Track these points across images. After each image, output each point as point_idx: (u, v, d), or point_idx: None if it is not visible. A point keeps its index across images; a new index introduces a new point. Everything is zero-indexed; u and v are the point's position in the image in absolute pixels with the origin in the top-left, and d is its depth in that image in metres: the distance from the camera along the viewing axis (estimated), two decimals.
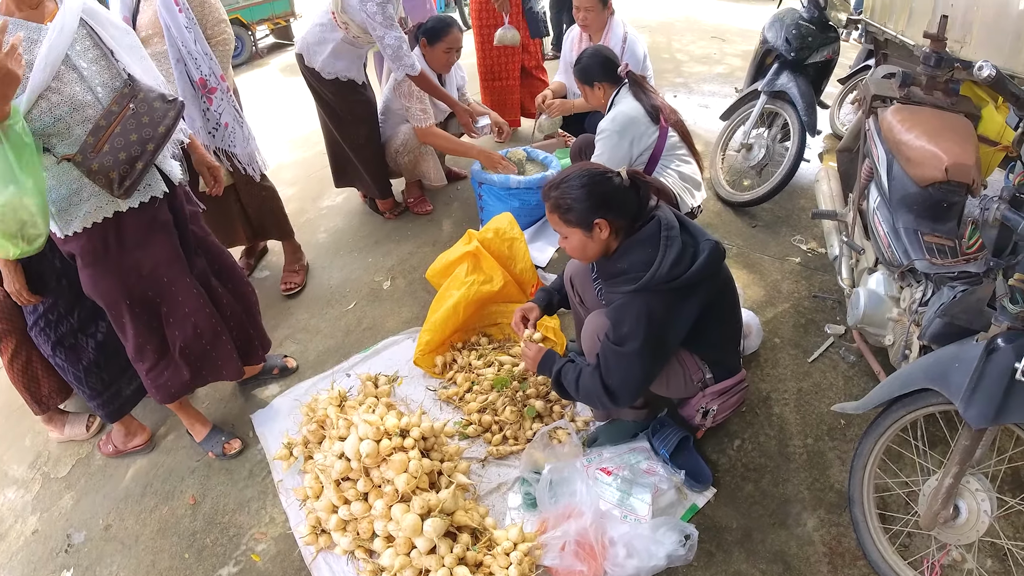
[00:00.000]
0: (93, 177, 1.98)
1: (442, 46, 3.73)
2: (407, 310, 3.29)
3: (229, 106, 3.00)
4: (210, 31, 2.95)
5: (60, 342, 2.49)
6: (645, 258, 1.97)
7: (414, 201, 4.16)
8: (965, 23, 3.16)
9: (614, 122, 3.05)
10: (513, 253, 3.04)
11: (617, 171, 2.07)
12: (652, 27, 8.93)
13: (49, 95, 1.88)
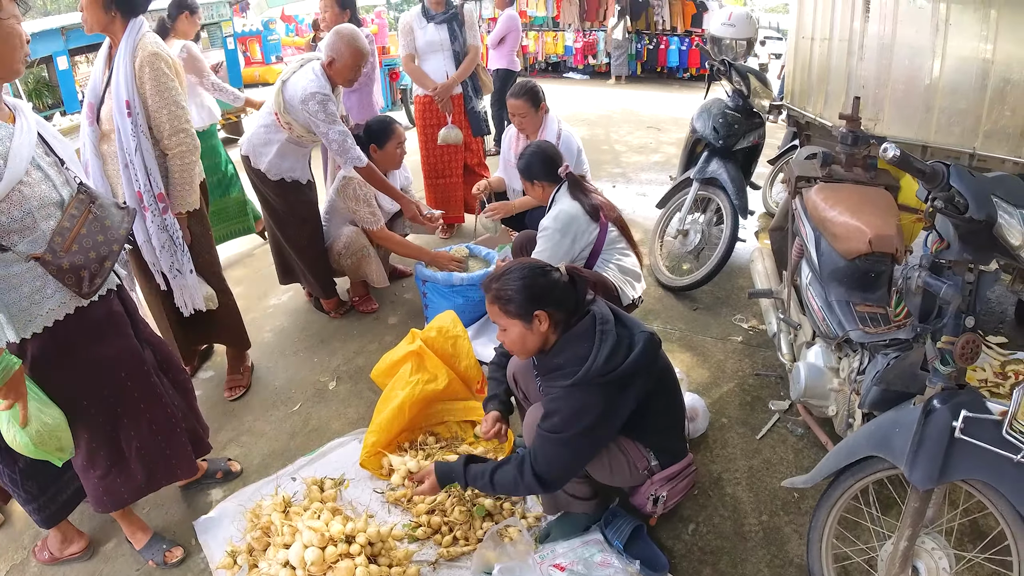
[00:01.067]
0: (63, 276, 1.98)
1: (391, 145, 3.82)
2: (353, 411, 3.21)
3: (160, 230, 2.82)
4: (167, 141, 2.76)
5: None
6: (581, 352, 1.98)
7: (359, 300, 4.14)
8: (877, 102, 3.36)
9: (556, 220, 3.12)
10: (457, 351, 3.01)
11: (556, 266, 2.11)
12: (591, 120, 9.30)
13: (21, 188, 1.91)
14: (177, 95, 2.75)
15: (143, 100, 2.69)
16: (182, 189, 2.85)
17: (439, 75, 4.62)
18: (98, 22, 2.67)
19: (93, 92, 2.80)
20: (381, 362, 3.06)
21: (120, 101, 2.65)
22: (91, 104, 2.79)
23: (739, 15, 4.87)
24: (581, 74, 14.95)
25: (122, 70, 2.64)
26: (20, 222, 1.92)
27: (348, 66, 3.44)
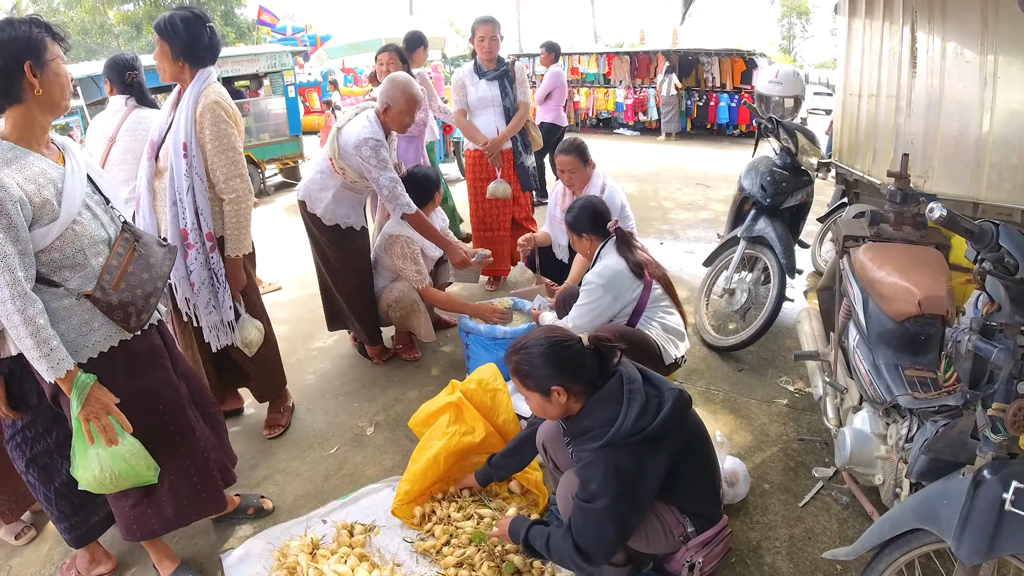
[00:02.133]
0: (112, 312, 2.09)
1: (434, 202, 3.93)
2: (389, 458, 3.21)
3: (203, 268, 2.92)
4: (223, 186, 2.87)
5: (35, 460, 2.42)
6: (609, 414, 1.97)
7: (402, 348, 4.18)
8: (926, 158, 3.31)
9: (600, 276, 3.12)
10: (496, 404, 3.00)
11: (578, 337, 2.11)
12: (640, 176, 9.33)
13: (74, 227, 2.03)
14: (235, 142, 2.87)
15: (201, 145, 2.81)
16: (238, 233, 2.94)
17: (490, 130, 4.72)
18: (169, 71, 2.85)
19: (157, 132, 2.94)
20: (420, 411, 3.06)
21: (178, 143, 2.78)
22: (152, 142, 2.93)
23: (786, 73, 4.87)
24: (631, 130, 15.09)
25: (184, 114, 2.78)
26: (72, 259, 2.03)
27: (403, 111, 3.56)
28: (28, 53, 1.95)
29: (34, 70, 1.96)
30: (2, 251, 1.87)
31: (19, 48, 1.93)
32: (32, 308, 1.92)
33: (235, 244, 2.95)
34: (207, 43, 2.88)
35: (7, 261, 1.88)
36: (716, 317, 4.34)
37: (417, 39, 5.55)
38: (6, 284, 1.88)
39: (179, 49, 2.82)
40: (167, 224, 2.87)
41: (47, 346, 1.94)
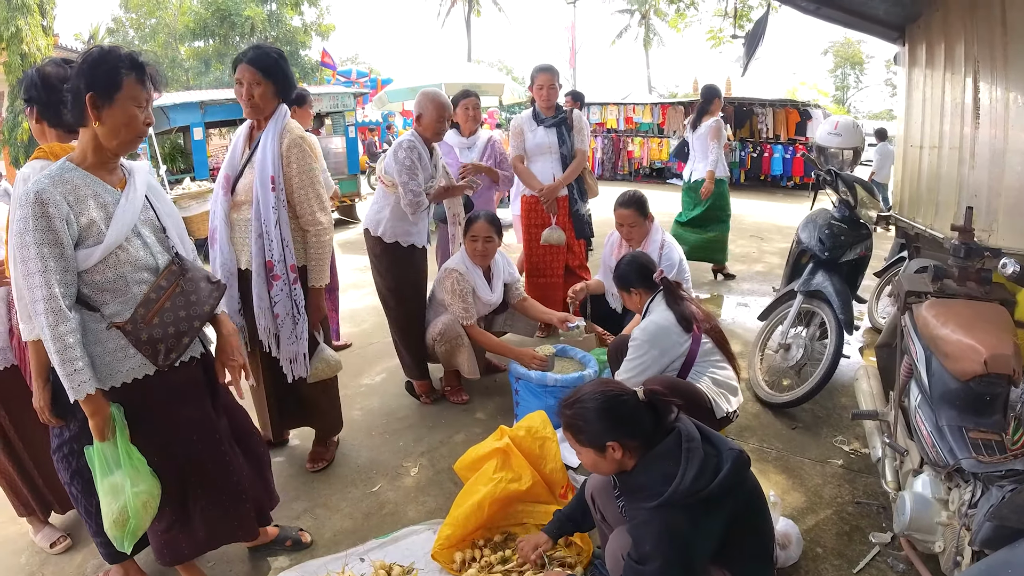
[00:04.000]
0: (140, 347, 2.12)
1: (468, 238, 3.95)
2: (431, 500, 3.18)
3: (287, 299, 3.00)
4: (308, 218, 2.98)
5: (79, 473, 2.47)
6: (666, 472, 1.91)
7: (451, 390, 4.18)
8: (990, 211, 3.22)
9: (645, 331, 3.10)
10: (544, 453, 2.96)
11: (634, 391, 2.06)
12: None
13: (118, 252, 2.08)
14: (318, 175, 3.00)
15: (287, 178, 2.92)
16: (320, 264, 3.06)
17: (546, 176, 4.75)
18: (266, 109, 2.95)
19: (231, 166, 3.04)
20: (466, 455, 3.03)
21: (265, 176, 2.87)
22: (228, 176, 3.03)
23: (845, 124, 4.83)
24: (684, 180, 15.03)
25: (269, 149, 2.88)
26: (113, 284, 2.08)
27: (434, 118, 3.77)
28: (96, 85, 2.00)
29: (97, 102, 2.00)
30: (44, 265, 1.94)
31: (91, 78, 2.00)
32: (63, 326, 1.97)
33: (318, 274, 3.07)
34: (293, 82, 3.02)
35: (46, 276, 1.95)
36: (770, 372, 4.24)
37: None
38: (41, 298, 1.94)
39: (280, 88, 2.95)
40: (252, 256, 2.96)
41: (71, 366, 1.99)
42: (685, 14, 12.76)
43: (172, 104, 10.00)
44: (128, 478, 2.12)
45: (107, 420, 2.08)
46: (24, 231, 1.94)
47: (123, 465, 2.11)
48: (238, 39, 30.45)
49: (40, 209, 1.93)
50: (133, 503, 2.12)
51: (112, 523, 2.12)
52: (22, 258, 1.95)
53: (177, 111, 9.95)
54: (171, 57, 32.74)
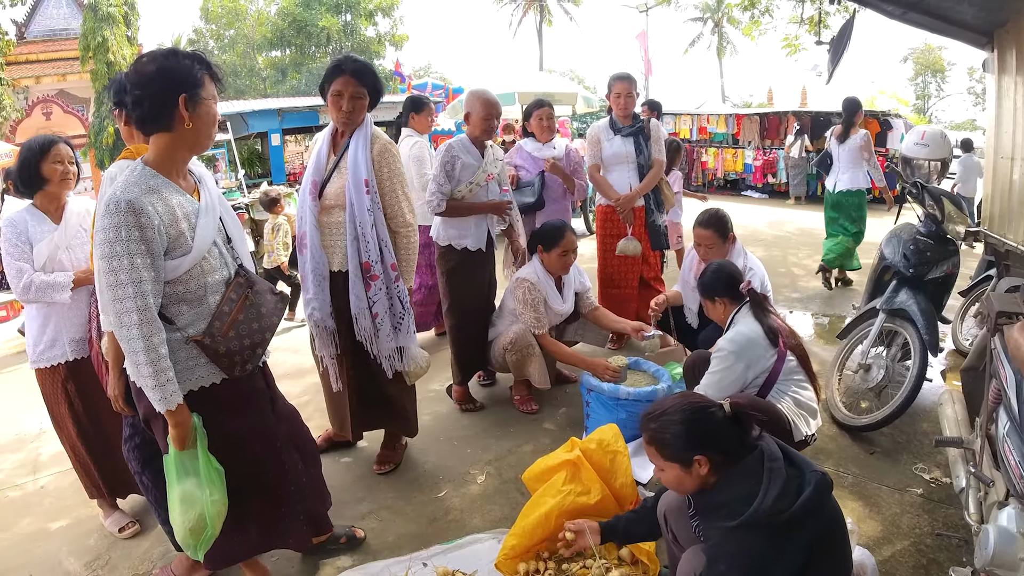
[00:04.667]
0: (218, 359, 2.13)
1: (557, 251, 3.90)
2: (497, 509, 3.16)
3: (385, 298, 3.07)
4: (398, 220, 3.08)
5: (149, 463, 2.54)
6: (746, 491, 1.84)
7: (520, 399, 4.15)
8: None
9: (732, 343, 3.00)
10: (615, 467, 2.90)
11: (720, 403, 1.99)
12: (768, 241, 9.05)
13: (202, 263, 2.10)
14: (406, 179, 3.09)
15: (379, 182, 3.00)
16: (408, 265, 3.15)
17: (623, 186, 4.70)
18: (360, 117, 3.04)
19: (318, 171, 3.09)
20: (535, 466, 2.99)
21: (359, 180, 2.95)
22: (315, 182, 3.09)
23: (933, 134, 4.63)
24: (759, 193, 14.71)
25: (361, 154, 2.97)
26: (194, 294, 2.09)
27: (482, 116, 3.79)
28: (185, 86, 2.02)
29: (188, 104, 2.03)
30: (139, 275, 1.93)
31: (178, 79, 2.02)
32: (158, 336, 1.97)
33: (406, 275, 3.16)
34: (384, 94, 3.12)
35: (142, 287, 1.94)
36: (849, 394, 4.07)
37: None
38: (136, 309, 1.93)
39: (373, 97, 3.04)
40: (348, 258, 3.03)
41: (164, 376, 1.99)
42: (759, 21, 12.50)
43: (251, 111, 10.35)
44: (206, 486, 2.13)
45: (189, 430, 2.09)
46: (115, 240, 1.92)
47: (202, 474, 2.12)
48: (314, 49, 31.40)
49: (133, 219, 1.92)
50: (210, 511, 2.13)
51: (188, 531, 2.13)
52: (110, 268, 1.93)
53: (256, 118, 10.28)
54: (249, 66, 33.86)
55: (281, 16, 31.60)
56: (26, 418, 4.92)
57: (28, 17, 24.95)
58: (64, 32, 24.85)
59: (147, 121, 2.05)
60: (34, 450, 4.40)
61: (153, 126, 2.06)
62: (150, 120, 2.05)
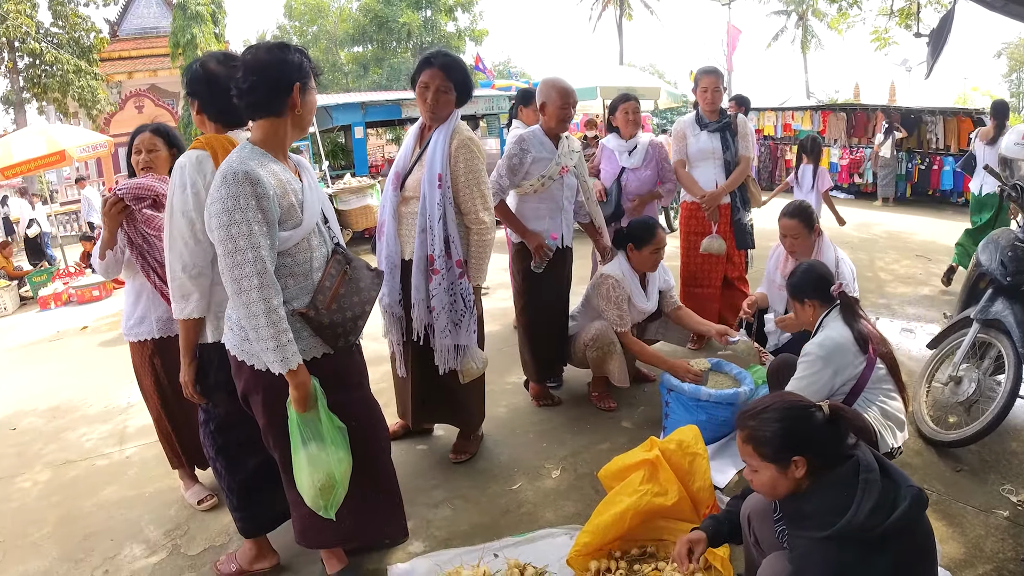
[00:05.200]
0: (323, 331, 2.21)
1: (649, 248, 3.83)
2: (570, 505, 3.14)
3: (444, 294, 3.07)
4: (472, 216, 3.08)
5: (224, 448, 2.61)
6: (839, 502, 1.78)
7: (598, 396, 4.10)
8: None
9: (821, 347, 2.89)
10: (693, 469, 2.85)
11: (819, 405, 1.93)
12: (854, 243, 8.74)
13: (310, 238, 2.21)
14: (485, 177, 3.08)
15: (454, 177, 3.00)
16: (479, 262, 3.14)
17: (708, 183, 4.61)
18: (446, 111, 3.07)
19: (402, 163, 3.16)
20: (612, 464, 2.97)
21: (433, 174, 2.97)
22: (398, 173, 3.16)
23: None
24: (845, 193, 14.14)
25: (439, 148, 2.99)
26: (300, 268, 2.18)
27: (558, 105, 3.69)
28: (300, 76, 2.15)
29: (301, 91, 2.16)
30: (257, 242, 2.02)
31: (294, 69, 2.14)
32: (277, 298, 2.06)
33: (476, 273, 3.16)
34: (472, 90, 3.13)
35: (260, 252, 2.03)
36: (936, 407, 3.88)
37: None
38: (256, 273, 2.02)
39: (461, 94, 3.07)
40: (414, 249, 3.07)
41: (284, 336, 2.07)
42: (847, 14, 12.02)
43: (335, 104, 10.60)
44: (330, 445, 2.22)
45: (310, 392, 2.17)
46: (234, 208, 2.01)
47: (325, 434, 2.21)
48: (394, 44, 31.95)
49: (250, 188, 2.02)
50: (338, 469, 2.22)
51: (319, 491, 2.21)
52: (229, 235, 2.02)
53: (339, 111, 10.53)
54: (332, 61, 34.75)
55: (363, 12, 32.42)
56: (117, 392, 5.19)
57: (120, 16, 26.55)
58: (154, 30, 26.40)
59: (259, 106, 2.17)
60: (122, 422, 4.63)
61: (264, 111, 2.18)
62: (262, 105, 2.17)
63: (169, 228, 2.35)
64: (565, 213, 3.87)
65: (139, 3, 27.11)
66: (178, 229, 2.33)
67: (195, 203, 2.30)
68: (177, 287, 2.36)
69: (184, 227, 2.32)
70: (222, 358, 2.38)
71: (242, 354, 2.25)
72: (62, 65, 19.27)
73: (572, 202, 3.90)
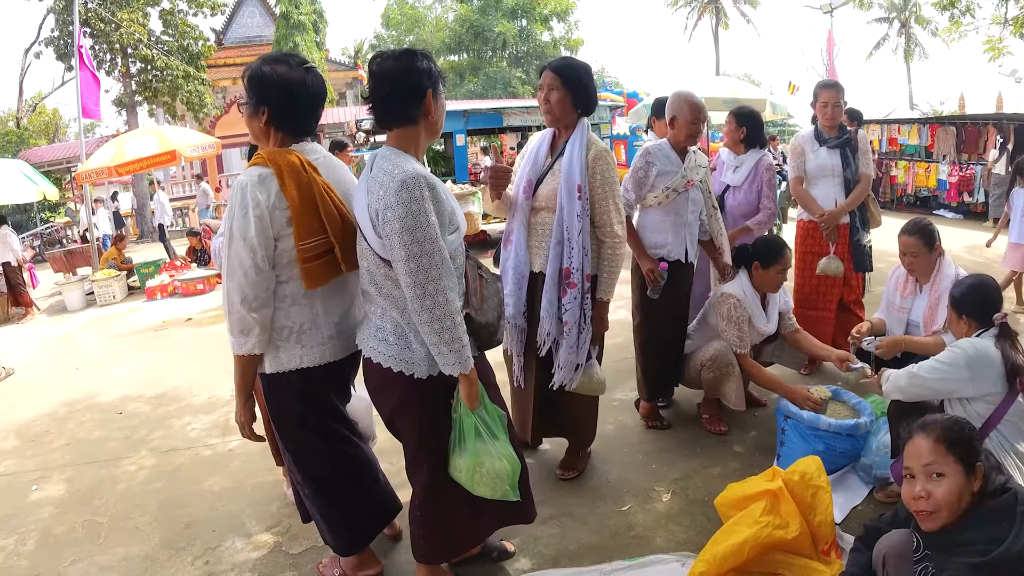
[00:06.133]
0: (479, 329, 2.26)
1: (776, 268, 3.72)
2: (682, 531, 3.06)
3: (578, 308, 3.03)
4: (606, 229, 3.04)
5: (309, 476, 2.57)
6: (994, 532, 1.78)
7: (709, 418, 3.97)
8: None
9: (973, 347, 2.71)
10: (815, 503, 2.73)
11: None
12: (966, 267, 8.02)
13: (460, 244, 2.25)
14: (619, 189, 3.05)
15: (591, 188, 2.98)
16: (611, 276, 3.09)
17: (827, 201, 4.44)
18: (563, 117, 3.04)
19: (535, 170, 3.13)
20: (731, 491, 2.89)
21: (572, 184, 2.95)
22: (530, 180, 3.13)
23: None
24: (954, 212, 13.36)
25: (576, 158, 2.96)
26: (458, 271, 2.21)
27: (689, 120, 3.63)
28: (430, 82, 2.19)
29: (433, 97, 2.20)
30: (441, 245, 2.09)
31: (424, 76, 2.17)
32: (459, 303, 2.13)
33: (608, 287, 3.11)
34: (594, 96, 3.08)
35: (444, 255, 2.08)
36: None
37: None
38: (444, 275, 2.08)
39: (577, 99, 3.02)
40: (547, 261, 3.04)
41: (465, 339, 2.14)
42: (960, 22, 11.40)
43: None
44: (499, 432, 2.33)
45: (478, 390, 2.24)
46: (419, 212, 2.03)
47: (492, 423, 2.31)
48: (490, 54, 32.37)
49: (430, 193, 2.08)
50: (508, 451, 2.33)
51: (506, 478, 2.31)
52: (414, 239, 2.03)
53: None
54: None
55: (459, 22, 33.06)
56: (221, 384, 5.42)
57: (225, 25, 28.07)
58: (258, 38, 27.79)
59: (394, 115, 2.22)
60: (225, 414, 4.79)
61: (399, 120, 2.22)
62: (397, 114, 2.21)
63: (228, 255, 2.21)
64: (689, 228, 3.77)
65: (243, 13, 28.54)
66: (238, 257, 2.18)
67: (258, 228, 2.17)
68: (237, 321, 2.23)
69: (245, 255, 2.17)
70: (286, 384, 2.39)
71: (399, 364, 2.26)
72: (172, 71, 20.32)
73: (697, 217, 3.81)
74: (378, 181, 2.12)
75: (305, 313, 2.34)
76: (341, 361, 2.45)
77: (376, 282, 2.23)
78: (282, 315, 2.32)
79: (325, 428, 2.50)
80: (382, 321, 2.28)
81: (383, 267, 2.17)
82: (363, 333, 2.37)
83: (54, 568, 3.18)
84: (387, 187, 2.07)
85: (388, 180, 2.08)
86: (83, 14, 15.84)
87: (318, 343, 2.36)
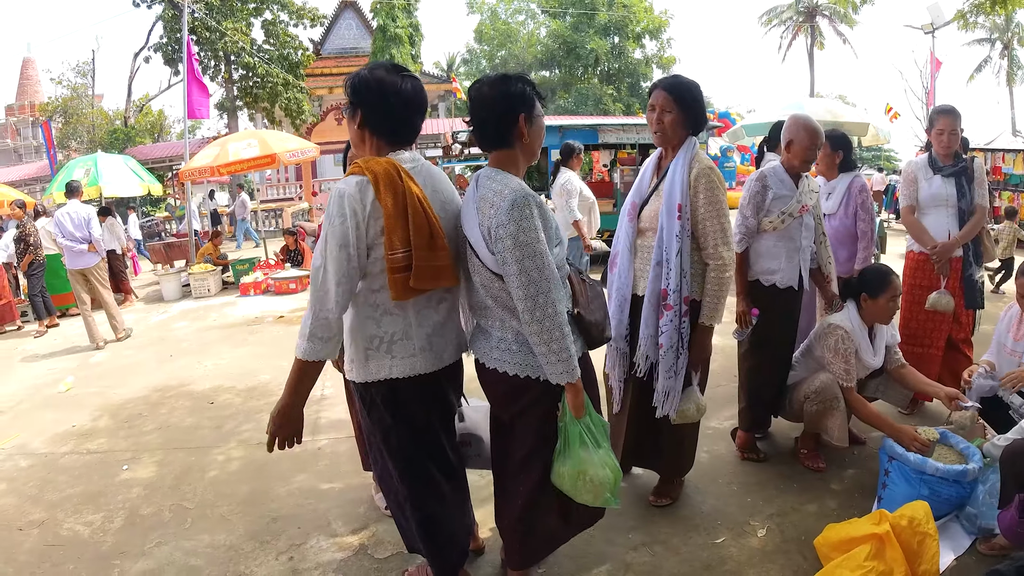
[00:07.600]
0: (591, 328, 2.38)
1: (885, 297, 3.59)
2: (776, 570, 2.97)
3: (674, 331, 2.98)
4: (711, 251, 2.97)
5: (393, 494, 2.61)
6: None
7: (807, 454, 3.84)
8: None
9: None
10: (921, 551, 2.65)
11: None
12: None
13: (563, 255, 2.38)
14: (726, 209, 2.97)
15: (694, 208, 2.95)
16: (716, 301, 3.02)
17: (940, 233, 4.24)
18: (674, 137, 3.02)
19: (638, 193, 3.16)
20: (833, 532, 2.83)
21: (672, 204, 2.94)
22: (634, 203, 3.16)
23: None
24: None
25: (678, 177, 2.95)
26: (563, 277, 2.32)
27: (805, 146, 3.55)
28: (524, 106, 2.27)
29: (527, 121, 2.27)
30: (551, 260, 2.21)
31: (517, 101, 2.26)
32: (565, 315, 2.23)
33: (711, 312, 3.03)
34: (704, 116, 3.07)
35: (553, 268, 2.21)
36: None
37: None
38: (555, 287, 2.20)
39: (689, 118, 3.00)
40: (647, 283, 3.04)
41: (573, 347, 2.25)
42: None
43: None
44: (602, 440, 2.41)
45: (584, 399, 2.33)
46: (533, 228, 2.18)
47: (597, 431, 2.40)
48: (582, 70, 32.41)
49: (539, 210, 2.22)
50: (611, 459, 2.41)
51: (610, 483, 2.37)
52: (533, 252, 2.17)
53: None
54: None
55: (551, 38, 33.35)
56: None
57: (323, 36, 29.25)
58: (354, 50, 28.86)
59: (490, 140, 2.34)
60: (314, 412, 4.90)
61: (495, 144, 2.34)
62: (492, 139, 2.33)
63: (322, 262, 2.19)
64: (803, 253, 3.68)
65: (341, 25, 29.61)
66: (334, 265, 2.17)
67: (355, 238, 2.17)
68: (320, 326, 2.21)
69: (343, 262, 2.17)
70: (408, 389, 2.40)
71: (526, 369, 2.37)
72: (272, 78, 21.34)
73: (810, 243, 3.73)
74: (487, 200, 2.24)
75: (398, 323, 2.33)
76: (436, 375, 2.43)
77: (493, 295, 2.33)
78: (373, 324, 2.33)
79: (411, 443, 2.48)
80: (503, 332, 2.38)
81: (496, 281, 2.28)
82: (482, 347, 2.47)
83: (139, 548, 3.32)
84: (497, 206, 2.19)
85: (498, 199, 2.20)
86: (190, 22, 16.78)
87: (408, 354, 2.35)
